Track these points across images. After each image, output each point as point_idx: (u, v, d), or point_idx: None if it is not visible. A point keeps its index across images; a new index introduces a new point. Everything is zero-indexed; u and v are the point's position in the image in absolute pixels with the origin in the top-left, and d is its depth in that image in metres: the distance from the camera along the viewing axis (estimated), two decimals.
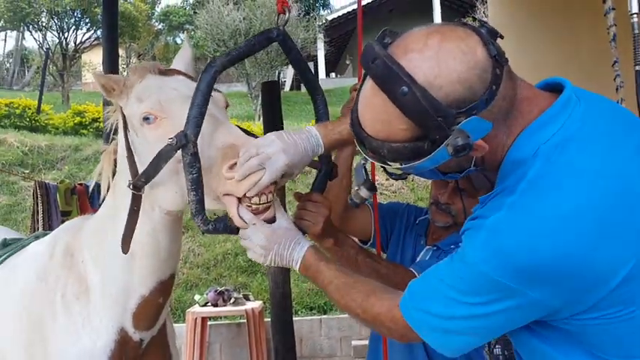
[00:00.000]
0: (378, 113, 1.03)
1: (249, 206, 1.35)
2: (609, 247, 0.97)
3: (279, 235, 1.36)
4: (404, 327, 1.16)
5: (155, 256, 1.60)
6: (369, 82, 1.05)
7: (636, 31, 1.40)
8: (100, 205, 4.78)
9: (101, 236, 1.66)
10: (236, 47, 1.47)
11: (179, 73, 1.59)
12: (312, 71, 1.63)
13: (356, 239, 1.88)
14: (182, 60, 1.71)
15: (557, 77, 1.12)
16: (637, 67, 1.39)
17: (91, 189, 4.28)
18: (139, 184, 1.47)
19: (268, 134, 1.37)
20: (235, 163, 1.33)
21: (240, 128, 1.47)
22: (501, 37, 1.04)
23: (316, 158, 1.50)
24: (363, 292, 1.27)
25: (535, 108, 1.06)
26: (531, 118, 1.05)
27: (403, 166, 1.05)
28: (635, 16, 1.41)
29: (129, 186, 1.49)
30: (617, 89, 1.43)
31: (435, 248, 2.02)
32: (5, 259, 1.95)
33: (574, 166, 1.00)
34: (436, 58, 0.98)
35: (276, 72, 16.81)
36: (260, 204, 1.34)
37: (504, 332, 1.12)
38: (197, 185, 1.34)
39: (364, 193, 1.39)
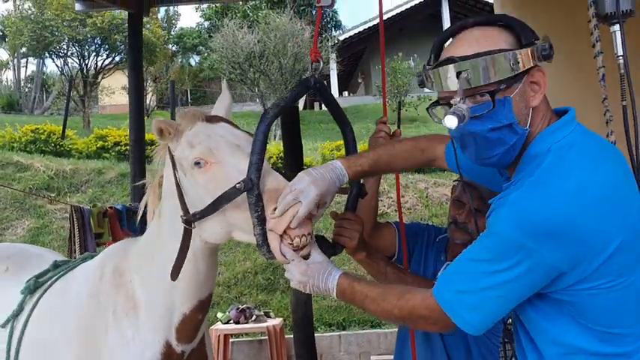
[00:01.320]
0: (483, 34, 1.32)
1: (290, 244, 1.50)
2: (604, 221, 1.21)
3: (313, 269, 1.53)
4: (439, 312, 1.34)
5: (194, 280, 1.78)
6: (467, 32, 1.35)
7: (622, 71, 1.61)
8: (128, 228, 4.94)
9: (147, 260, 1.85)
10: (282, 98, 1.68)
11: (222, 119, 1.78)
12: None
13: None
14: (222, 105, 1.89)
15: (564, 107, 1.42)
16: (623, 103, 1.59)
17: (123, 212, 4.50)
18: (192, 219, 1.66)
19: (299, 174, 1.55)
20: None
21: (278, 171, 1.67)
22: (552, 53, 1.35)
23: (345, 185, 1.68)
24: (396, 293, 1.45)
25: (552, 118, 1.36)
26: (548, 124, 1.34)
27: (493, 79, 1.28)
28: (620, 57, 1.62)
29: (183, 222, 1.68)
30: (607, 122, 1.63)
31: None
32: (57, 279, 2.11)
33: (578, 159, 1.27)
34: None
35: None
36: (300, 244, 1.50)
37: (523, 299, 1.31)
38: (261, 221, 1.52)
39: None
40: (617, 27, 1.63)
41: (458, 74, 1.28)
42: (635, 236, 1.25)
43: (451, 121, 1.27)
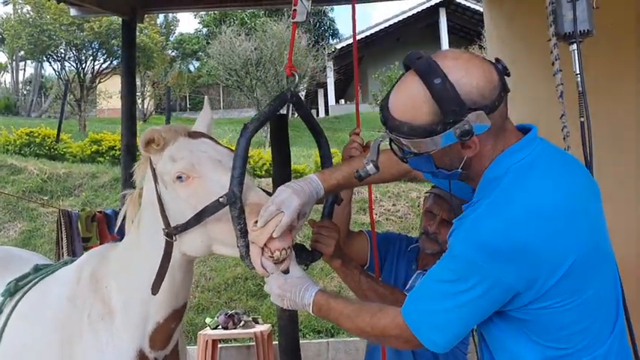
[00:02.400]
0: (410, 98, 1.32)
1: (270, 256, 1.53)
2: (558, 242, 1.25)
3: (290, 284, 1.55)
4: (409, 332, 1.38)
5: (170, 290, 1.82)
6: (409, 75, 1.34)
7: (580, 89, 1.67)
8: (116, 232, 4.96)
9: (125, 268, 1.88)
10: (262, 112, 1.72)
11: (204, 135, 1.82)
12: (315, 114, 1.92)
13: None
14: (204, 122, 1.94)
15: (528, 124, 1.45)
16: (581, 119, 1.65)
17: (112, 217, 4.54)
18: (174, 232, 1.69)
19: (279, 187, 1.61)
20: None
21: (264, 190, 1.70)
22: (508, 75, 1.35)
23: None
24: (369, 311, 1.48)
25: (513, 139, 1.37)
26: (508, 145, 1.36)
27: (415, 141, 1.31)
28: (578, 76, 1.68)
29: (165, 234, 1.72)
30: (564, 138, 1.69)
31: (423, 273, 2.25)
32: (37, 282, 2.13)
33: (537, 180, 1.30)
34: (465, 66, 1.30)
35: None
36: (280, 257, 1.53)
37: (484, 317, 1.36)
38: (244, 234, 1.55)
39: (371, 169, 1.53)
40: (574, 46, 1.70)
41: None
42: (590, 251, 1.29)
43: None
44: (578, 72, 1.66)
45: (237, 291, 7.60)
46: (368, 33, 20.56)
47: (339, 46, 19.98)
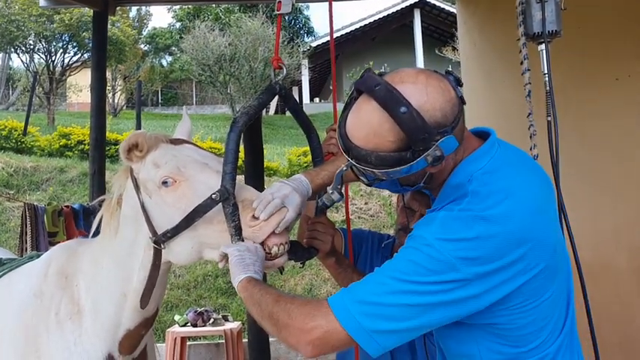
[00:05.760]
0: (373, 127, 1.25)
1: (268, 252, 1.50)
2: (526, 248, 1.23)
3: (240, 258, 1.45)
4: (324, 326, 1.26)
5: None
6: (365, 103, 1.27)
7: (547, 88, 1.69)
8: (84, 227, 4.86)
9: (96, 269, 1.84)
10: (250, 105, 1.66)
11: (186, 141, 1.79)
12: (302, 105, 1.88)
13: None
14: (183, 130, 1.91)
15: (484, 127, 1.44)
16: (548, 118, 1.68)
17: (79, 212, 4.46)
18: (163, 239, 1.64)
19: (274, 183, 1.57)
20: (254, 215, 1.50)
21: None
22: (461, 85, 1.32)
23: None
24: (292, 299, 1.36)
25: (470, 146, 1.36)
26: (467, 152, 1.35)
27: (384, 171, 1.26)
28: (546, 75, 1.71)
29: (153, 242, 1.67)
30: (530, 137, 1.71)
31: None
32: (0, 276, 2.07)
33: (502, 185, 1.29)
34: (425, 89, 1.25)
35: None
36: (278, 252, 1.51)
37: (442, 320, 1.27)
38: (239, 231, 1.51)
39: (335, 196, 1.52)
40: (543, 46, 1.72)
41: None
42: (553, 255, 1.29)
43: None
44: (546, 72, 1.68)
45: (206, 288, 7.56)
46: (343, 32, 20.58)
47: (314, 44, 19.95)
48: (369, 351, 1.26)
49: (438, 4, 21.57)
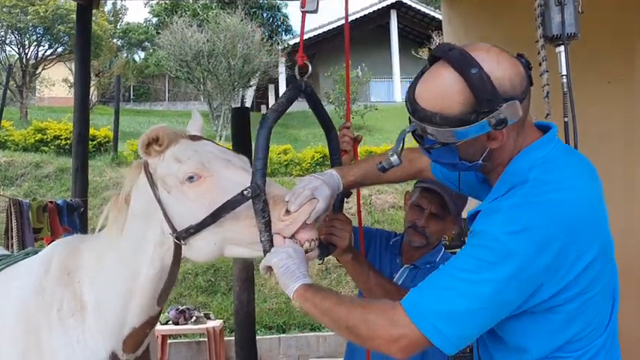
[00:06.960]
0: (443, 88, 1.31)
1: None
2: (587, 234, 1.28)
3: (288, 264, 1.46)
4: (404, 328, 1.31)
5: (152, 297, 1.76)
6: (440, 66, 1.33)
7: (565, 89, 1.73)
8: (68, 223, 4.77)
9: (100, 265, 1.80)
10: (278, 102, 1.66)
11: (203, 138, 1.78)
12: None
13: None
14: (195, 128, 1.88)
15: (546, 122, 1.47)
16: (565, 119, 1.71)
17: (63, 208, 4.39)
18: (185, 235, 1.61)
19: (304, 177, 1.58)
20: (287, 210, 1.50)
21: None
22: (531, 68, 1.36)
23: None
24: (363, 303, 1.43)
25: (532, 135, 1.40)
26: (529, 142, 1.38)
27: (446, 130, 1.29)
28: (564, 77, 1.74)
29: (176, 238, 1.64)
30: None
31: (412, 267, 2.30)
32: None
33: (562, 174, 1.33)
34: (497, 58, 1.31)
35: (239, 94, 16.99)
36: (309, 248, 1.51)
37: (504, 313, 1.30)
38: (268, 227, 1.51)
39: (394, 159, 1.49)
40: (562, 48, 1.75)
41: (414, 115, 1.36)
42: (600, 252, 1.32)
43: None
44: (564, 73, 1.71)
45: (187, 287, 7.51)
46: (320, 30, 20.60)
47: (292, 42, 19.93)
48: (447, 352, 1.30)
49: (414, 5, 21.75)
